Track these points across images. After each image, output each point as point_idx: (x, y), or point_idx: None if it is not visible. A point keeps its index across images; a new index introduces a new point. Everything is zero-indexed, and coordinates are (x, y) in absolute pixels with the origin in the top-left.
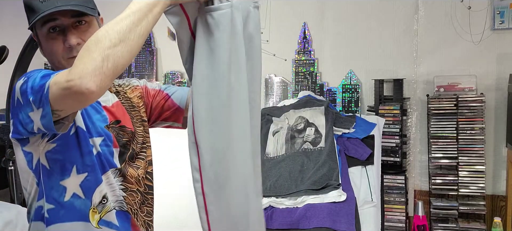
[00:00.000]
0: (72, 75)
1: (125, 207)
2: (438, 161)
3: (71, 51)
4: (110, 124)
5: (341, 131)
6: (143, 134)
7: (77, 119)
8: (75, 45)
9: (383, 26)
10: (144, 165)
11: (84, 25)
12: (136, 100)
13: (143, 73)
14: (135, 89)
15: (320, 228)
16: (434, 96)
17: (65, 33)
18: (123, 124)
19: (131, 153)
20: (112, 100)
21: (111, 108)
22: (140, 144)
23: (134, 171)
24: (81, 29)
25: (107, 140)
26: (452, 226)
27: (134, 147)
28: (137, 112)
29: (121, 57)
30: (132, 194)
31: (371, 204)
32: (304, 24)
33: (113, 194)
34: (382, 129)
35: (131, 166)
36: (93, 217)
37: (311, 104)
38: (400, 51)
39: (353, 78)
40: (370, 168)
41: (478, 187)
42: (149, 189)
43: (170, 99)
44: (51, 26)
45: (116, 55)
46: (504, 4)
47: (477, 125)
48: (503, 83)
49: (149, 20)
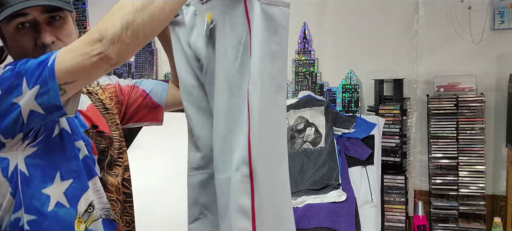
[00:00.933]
0: (92, 37)
1: (111, 215)
2: (438, 161)
3: (44, 50)
4: (89, 129)
5: (341, 131)
6: (119, 139)
7: (61, 119)
8: (50, 44)
9: (383, 26)
10: (122, 172)
11: (59, 21)
12: (108, 102)
13: (143, 73)
14: (106, 89)
15: (320, 228)
16: (434, 96)
17: (37, 30)
18: (100, 129)
19: (109, 160)
20: (86, 103)
21: (86, 112)
22: (117, 149)
23: (114, 179)
24: (55, 25)
25: (88, 146)
26: (452, 226)
27: (112, 153)
28: (111, 115)
29: (142, 25)
30: (113, 204)
31: (371, 204)
32: (304, 24)
33: (99, 201)
34: (382, 129)
35: (110, 174)
36: (79, 227)
37: (311, 104)
38: (400, 51)
39: (353, 78)
40: (370, 168)
41: (478, 187)
42: (127, 197)
43: (148, 97)
44: (20, 21)
45: (136, 23)
46: (504, 4)
47: (477, 125)
48: (503, 83)
49: None
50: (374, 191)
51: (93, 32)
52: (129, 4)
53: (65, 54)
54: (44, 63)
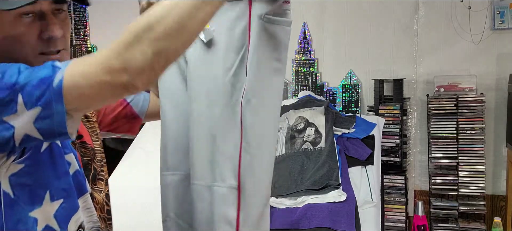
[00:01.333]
0: (113, 65)
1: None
2: (438, 161)
3: (49, 45)
4: (75, 140)
5: (341, 131)
6: (100, 150)
7: None
8: (59, 37)
9: (383, 26)
10: (104, 187)
11: (63, 13)
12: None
13: None
14: None
15: (320, 228)
16: (434, 96)
17: (43, 21)
18: (84, 139)
19: (93, 174)
20: None
21: None
22: (99, 162)
23: (98, 195)
24: (60, 17)
25: (77, 159)
26: (452, 226)
27: (95, 166)
28: (91, 123)
29: (176, 51)
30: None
31: (371, 204)
32: (304, 24)
33: (89, 219)
34: (382, 129)
35: (94, 190)
36: None
37: (311, 104)
38: (400, 51)
39: (353, 78)
40: (370, 168)
41: (478, 187)
42: (108, 214)
43: (129, 106)
44: (25, 10)
45: (171, 49)
46: (504, 4)
47: (477, 125)
48: (503, 83)
49: (215, 2)
50: (374, 191)
51: (112, 59)
52: (160, 27)
53: (76, 77)
54: (47, 81)
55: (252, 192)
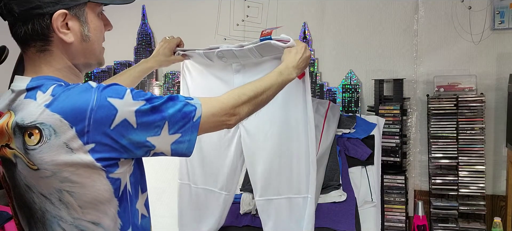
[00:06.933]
0: (230, 110)
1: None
2: (438, 161)
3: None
4: None
5: (341, 131)
6: None
7: None
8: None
9: (383, 26)
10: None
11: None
12: None
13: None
14: None
15: (320, 228)
16: (434, 96)
17: (103, 20)
18: None
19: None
20: None
21: None
22: None
23: None
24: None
25: None
26: (452, 226)
27: None
28: None
29: (255, 111)
30: None
31: (371, 204)
32: (304, 24)
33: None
34: (382, 129)
35: None
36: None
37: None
38: (400, 51)
39: (353, 78)
40: (370, 168)
41: (478, 187)
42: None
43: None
44: (102, 8)
45: (255, 111)
46: (504, 4)
47: (477, 125)
48: (503, 83)
49: (282, 88)
50: (374, 191)
51: (230, 104)
52: (259, 98)
53: (209, 117)
54: (189, 116)
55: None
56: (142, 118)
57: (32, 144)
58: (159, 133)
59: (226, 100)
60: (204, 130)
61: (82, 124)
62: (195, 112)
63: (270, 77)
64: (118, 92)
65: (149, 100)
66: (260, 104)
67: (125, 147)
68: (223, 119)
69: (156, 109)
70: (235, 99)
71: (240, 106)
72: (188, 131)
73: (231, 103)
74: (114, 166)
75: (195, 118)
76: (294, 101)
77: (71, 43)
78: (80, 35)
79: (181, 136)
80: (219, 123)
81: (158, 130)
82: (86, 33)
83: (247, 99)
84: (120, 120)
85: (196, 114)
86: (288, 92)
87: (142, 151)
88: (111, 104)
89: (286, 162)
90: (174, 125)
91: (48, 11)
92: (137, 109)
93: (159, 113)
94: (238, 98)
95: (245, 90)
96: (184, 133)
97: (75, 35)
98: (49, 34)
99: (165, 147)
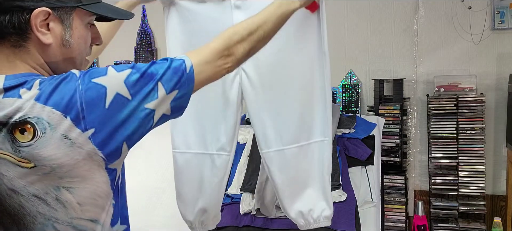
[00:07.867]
0: (223, 51)
1: None
2: (438, 161)
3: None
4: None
5: (341, 131)
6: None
7: None
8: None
9: (383, 26)
10: None
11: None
12: None
13: None
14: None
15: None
16: (434, 96)
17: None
18: None
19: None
20: None
21: None
22: None
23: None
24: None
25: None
26: (452, 226)
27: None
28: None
29: (258, 49)
30: None
31: (371, 204)
32: None
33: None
34: (382, 129)
35: None
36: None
37: None
38: (400, 51)
39: (353, 78)
40: (370, 168)
41: (478, 187)
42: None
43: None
44: (92, 20)
45: (256, 49)
46: (504, 4)
47: (477, 125)
48: (503, 83)
49: (284, 21)
50: (374, 191)
51: (221, 46)
52: (259, 33)
53: (202, 65)
54: (181, 69)
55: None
56: (134, 87)
57: (26, 140)
58: (156, 96)
59: (217, 44)
60: (201, 81)
61: (74, 110)
62: (185, 64)
63: (268, 10)
64: (99, 72)
65: (134, 67)
66: (259, 41)
67: (125, 123)
68: (219, 63)
69: (145, 74)
70: (227, 40)
71: (234, 46)
72: (184, 84)
73: (223, 45)
74: (115, 155)
75: (187, 69)
76: (307, 39)
77: (49, 45)
78: (60, 39)
79: (179, 91)
80: (215, 68)
81: (154, 93)
82: (67, 38)
83: (240, 38)
84: (112, 96)
85: (187, 65)
86: (299, 29)
87: (144, 121)
88: (97, 84)
89: (298, 108)
90: (168, 82)
91: (29, 6)
92: (126, 79)
93: (150, 77)
94: (230, 39)
95: (237, 28)
96: (181, 87)
97: (54, 38)
98: (26, 30)
99: (165, 107)
